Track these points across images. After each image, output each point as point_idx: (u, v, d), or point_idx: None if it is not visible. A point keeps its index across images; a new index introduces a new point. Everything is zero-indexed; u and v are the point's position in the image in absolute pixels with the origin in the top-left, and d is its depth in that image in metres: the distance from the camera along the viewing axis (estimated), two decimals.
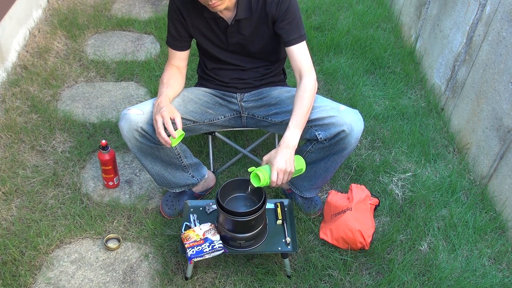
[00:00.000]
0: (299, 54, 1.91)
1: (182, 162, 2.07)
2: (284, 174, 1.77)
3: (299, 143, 1.84)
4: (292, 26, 1.89)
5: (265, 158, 1.81)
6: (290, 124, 1.82)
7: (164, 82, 1.96)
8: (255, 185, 1.77)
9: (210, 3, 1.76)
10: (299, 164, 1.85)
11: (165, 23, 3.59)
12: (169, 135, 1.77)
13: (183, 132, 1.80)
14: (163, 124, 1.76)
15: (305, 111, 1.83)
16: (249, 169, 1.80)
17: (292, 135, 1.81)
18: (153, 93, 2.95)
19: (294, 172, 1.82)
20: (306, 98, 1.85)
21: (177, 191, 2.19)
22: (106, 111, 2.83)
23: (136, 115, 1.85)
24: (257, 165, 2.47)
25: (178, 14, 1.94)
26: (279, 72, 2.18)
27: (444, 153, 2.62)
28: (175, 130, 1.77)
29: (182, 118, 1.94)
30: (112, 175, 2.31)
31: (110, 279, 1.97)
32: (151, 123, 1.86)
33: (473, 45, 2.55)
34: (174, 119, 1.79)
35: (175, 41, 2.01)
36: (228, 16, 1.90)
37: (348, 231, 2.01)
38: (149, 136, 1.87)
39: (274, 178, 1.75)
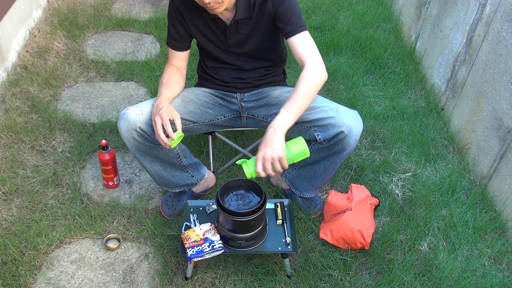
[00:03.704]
0: (300, 44, 1.86)
1: (182, 162, 2.07)
2: (272, 162, 1.68)
3: None
4: (291, 17, 1.86)
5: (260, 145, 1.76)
6: (282, 108, 1.75)
7: (163, 82, 1.96)
8: (247, 177, 1.74)
9: (208, 5, 1.76)
10: (298, 147, 1.72)
11: (165, 23, 3.60)
12: (168, 137, 1.77)
13: (183, 133, 1.80)
14: (162, 125, 1.76)
15: (299, 96, 1.74)
16: (237, 162, 1.75)
17: (282, 118, 1.71)
18: (153, 93, 2.95)
19: (294, 156, 1.72)
20: (303, 84, 1.76)
21: (177, 191, 2.19)
22: (106, 111, 2.83)
23: (135, 115, 1.85)
24: None
25: (178, 15, 1.95)
26: (279, 72, 2.18)
27: (444, 153, 2.62)
28: (174, 131, 1.77)
29: (181, 118, 1.94)
30: (112, 175, 2.31)
31: (110, 279, 1.97)
32: (150, 123, 1.86)
33: (473, 45, 2.55)
34: (173, 120, 1.79)
35: (175, 41, 2.01)
36: (227, 16, 1.90)
37: (348, 231, 2.01)
38: (148, 136, 1.87)
39: (258, 169, 1.67)
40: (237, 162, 1.75)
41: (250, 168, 1.71)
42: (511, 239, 2.18)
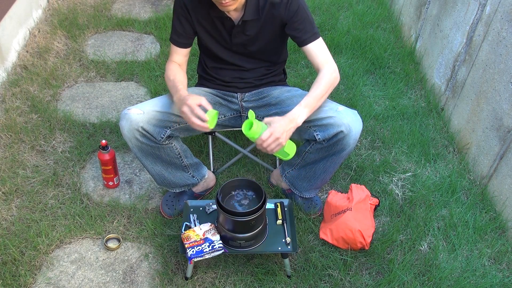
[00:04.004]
0: (316, 52, 1.92)
1: (183, 162, 2.07)
2: (274, 141, 1.73)
3: (298, 144, 1.84)
4: (305, 25, 1.90)
5: (267, 119, 1.78)
6: (302, 101, 1.81)
7: (171, 79, 1.94)
8: (243, 131, 1.75)
9: (223, 2, 1.76)
10: (290, 148, 1.82)
11: (165, 23, 3.61)
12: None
13: (215, 111, 1.79)
14: (192, 112, 1.74)
15: (318, 95, 1.83)
16: (246, 121, 1.76)
17: (300, 112, 1.79)
18: (153, 93, 2.95)
19: (281, 152, 1.79)
20: (322, 83, 1.85)
21: (177, 191, 2.19)
22: (106, 111, 2.83)
23: (136, 114, 1.85)
24: (257, 166, 2.47)
25: (185, 10, 1.93)
26: (279, 72, 2.18)
27: (444, 153, 2.62)
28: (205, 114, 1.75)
29: (181, 116, 1.94)
30: (112, 175, 2.31)
31: (110, 279, 1.97)
32: (152, 122, 1.86)
33: (473, 45, 2.55)
34: (200, 104, 1.77)
35: (180, 37, 1.99)
36: (235, 16, 1.90)
37: (348, 231, 2.01)
38: (150, 136, 1.87)
39: (264, 136, 1.71)
40: (246, 121, 1.75)
41: (259, 129, 1.73)
42: (511, 239, 2.18)
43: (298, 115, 1.79)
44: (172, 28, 2.02)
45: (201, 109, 1.76)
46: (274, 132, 1.72)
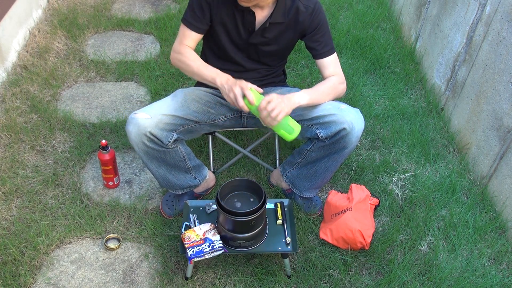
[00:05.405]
0: (331, 65, 1.97)
1: (186, 164, 2.07)
2: (276, 106, 1.72)
3: (299, 143, 1.84)
4: (325, 39, 1.94)
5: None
6: (304, 89, 1.87)
7: (199, 62, 1.92)
8: (256, 101, 1.77)
9: None
10: (295, 124, 1.80)
11: (165, 23, 3.61)
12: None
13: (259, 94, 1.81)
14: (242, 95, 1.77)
15: (321, 90, 1.88)
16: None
17: (300, 95, 1.83)
18: (153, 93, 2.95)
19: (286, 127, 1.78)
20: (328, 84, 1.91)
21: (180, 192, 2.19)
22: (106, 111, 2.83)
23: (144, 119, 1.84)
24: (257, 166, 2.48)
25: None
26: (279, 73, 2.18)
27: (444, 153, 2.62)
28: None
29: (185, 118, 1.94)
30: (112, 175, 2.31)
31: (110, 279, 1.97)
32: (159, 126, 1.85)
33: (473, 45, 2.55)
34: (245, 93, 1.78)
35: (197, 22, 1.92)
36: (261, 16, 1.89)
37: (348, 231, 2.01)
38: (158, 140, 1.87)
39: (264, 102, 1.72)
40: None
41: (259, 97, 1.76)
42: (511, 239, 2.18)
43: (297, 95, 1.82)
44: (189, 11, 1.92)
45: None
46: (274, 96, 1.74)
